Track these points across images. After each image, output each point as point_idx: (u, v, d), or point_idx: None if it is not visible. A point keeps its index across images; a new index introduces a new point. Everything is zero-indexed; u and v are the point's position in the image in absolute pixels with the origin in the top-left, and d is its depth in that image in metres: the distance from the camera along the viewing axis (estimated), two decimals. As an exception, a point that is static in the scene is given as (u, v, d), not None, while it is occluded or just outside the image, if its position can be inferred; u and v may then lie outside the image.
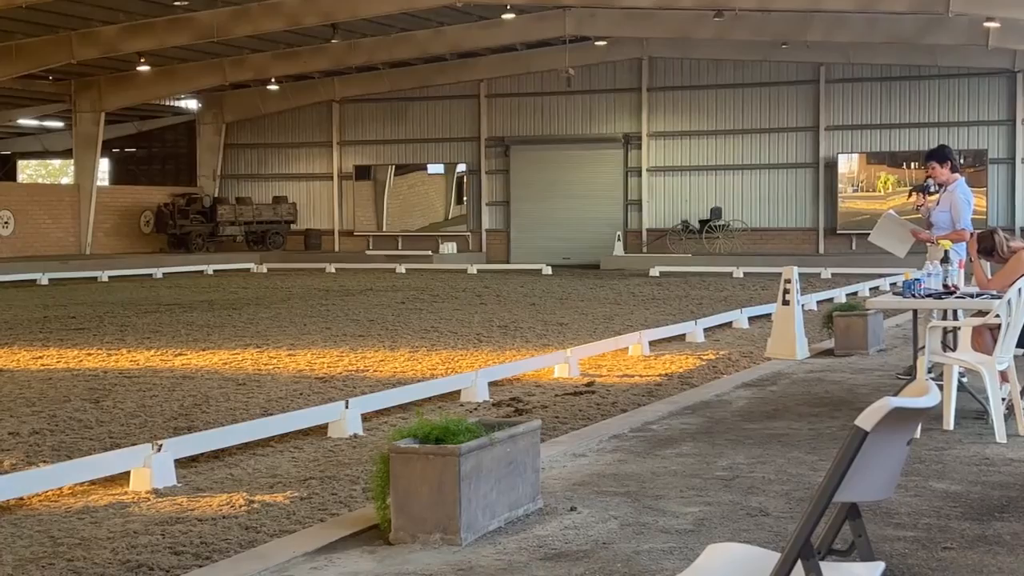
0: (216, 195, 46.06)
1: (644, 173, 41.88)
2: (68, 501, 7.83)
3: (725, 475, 7.93)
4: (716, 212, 40.50)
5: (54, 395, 12.08)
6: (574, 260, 40.55)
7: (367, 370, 14.03)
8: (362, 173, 45.87)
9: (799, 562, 3.60)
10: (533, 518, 6.78)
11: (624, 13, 35.55)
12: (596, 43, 39.24)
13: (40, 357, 15.24)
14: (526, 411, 11.18)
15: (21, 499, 7.73)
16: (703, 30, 35.25)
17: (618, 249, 40.06)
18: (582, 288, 28.74)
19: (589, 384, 12.93)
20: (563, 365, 13.71)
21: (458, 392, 11.95)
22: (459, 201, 44.97)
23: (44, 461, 8.88)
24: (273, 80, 42.79)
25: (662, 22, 36.17)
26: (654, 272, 34.49)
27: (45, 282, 31.38)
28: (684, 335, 17.33)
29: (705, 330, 17.66)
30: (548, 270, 36.46)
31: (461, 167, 44.55)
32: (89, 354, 15.50)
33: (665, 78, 41.75)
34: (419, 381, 12.51)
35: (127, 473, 8.20)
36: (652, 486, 7.61)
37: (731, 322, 19.22)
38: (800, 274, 15.79)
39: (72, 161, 44.74)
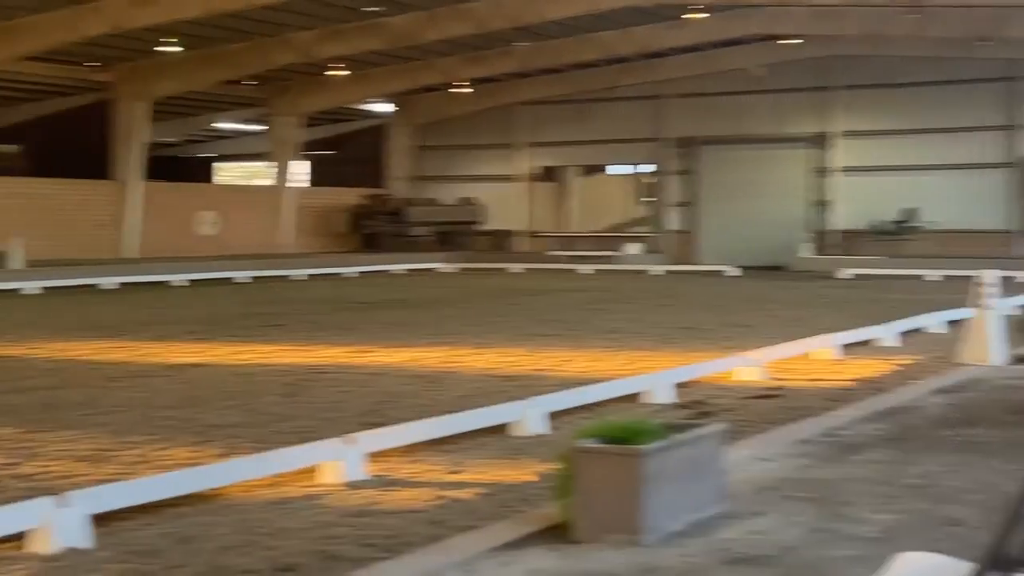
0: (407, 196, 46.96)
1: (834, 173, 40.98)
2: (264, 492, 8.10)
3: (916, 483, 7.72)
4: (910, 213, 39.31)
5: (251, 389, 12.52)
6: (760, 261, 39.91)
7: (551, 370, 14.11)
8: (548, 174, 46.11)
9: (993, 574, 3.50)
10: (717, 521, 6.73)
11: (813, 11, 34.90)
12: (784, 41, 38.58)
13: (239, 352, 15.80)
14: (710, 414, 11.07)
15: (221, 489, 8.04)
16: (896, 27, 34.33)
17: (806, 250, 39.30)
18: (769, 290, 28.31)
19: (775, 388, 12.73)
20: (749, 368, 13.54)
21: (642, 393, 11.92)
22: (644, 202, 44.79)
23: (241, 453, 9.21)
24: (462, 83, 43.39)
25: (853, 19, 35.37)
26: (843, 274, 33.72)
27: (246, 280, 32.51)
28: (874, 339, 16.91)
29: (898, 335, 17.19)
30: (734, 271, 36.00)
31: (646, 168, 44.35)
32: (285, 350, 16.00)
33: (857, 76, 40.76)
34: (602, 382, 12.51)
35: (320, 466, 8.45)
36: (840, 492, 7.46)
37: (925, 327, 18.66)
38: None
39: (271, 163, 46.23)
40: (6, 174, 41.93)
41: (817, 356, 15.23)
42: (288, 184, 43.98)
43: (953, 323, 18.78)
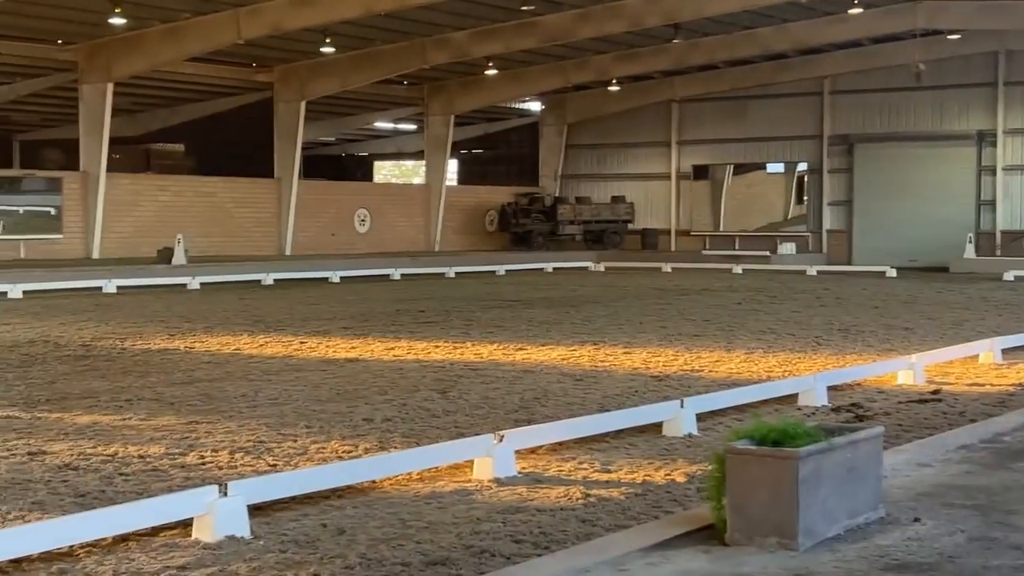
0: (557, 194, 47.08)
1: (999, 172, 39.72)
2: (416, 486, 8.22)
3: (1085, 493, 7.43)
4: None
5: (404, 384, 12.70)
6: (921, 262, 38.88)
7: (702, 370, 14.00)
8: (700, 172, 45.74)
9: None
10: (874, 527, 6.58)
11: (978, 5, 33.92)
12: (948, 36, 37.53)
13: (392, 348, 16.05)
14: (867, 417, 10.85)
15: (374, 482, 8.18)
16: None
17: (969, 251, 38.15)
18: (929, 292, 27.59)
19: (935, 392, 12.41)
20: (907, 371, 13.22)
21: (795, 395, 11.74)
22: (799, 201, 44.09)
23: (395, 447, 9.36)
24: (614, 81, 43.31)
25: (1019, 13, 34.22)
26: (1008, 276, 32.65)
27: (397, 277, 33.00)
28: (1040, 343, 16.33)
29: (1064, 339, 16.57)
30: (892, 272, 35.15)
31: (802, 166, 43.66)
32: (437, 346, 16.20)
33: (1021, 71, 39.41)
34: (755, 383, 12.37)
35: (471, 461, 8.53)
36: (1003, 500, 7.22)
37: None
38: None
39: (423, 162, 46.86)
40: (171, 172, 43.43)
41: (979, 360, 14.79)
42: (442, 182, 44.48)
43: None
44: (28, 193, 34.71)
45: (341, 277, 31.73)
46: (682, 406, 10.22)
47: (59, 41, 33.57)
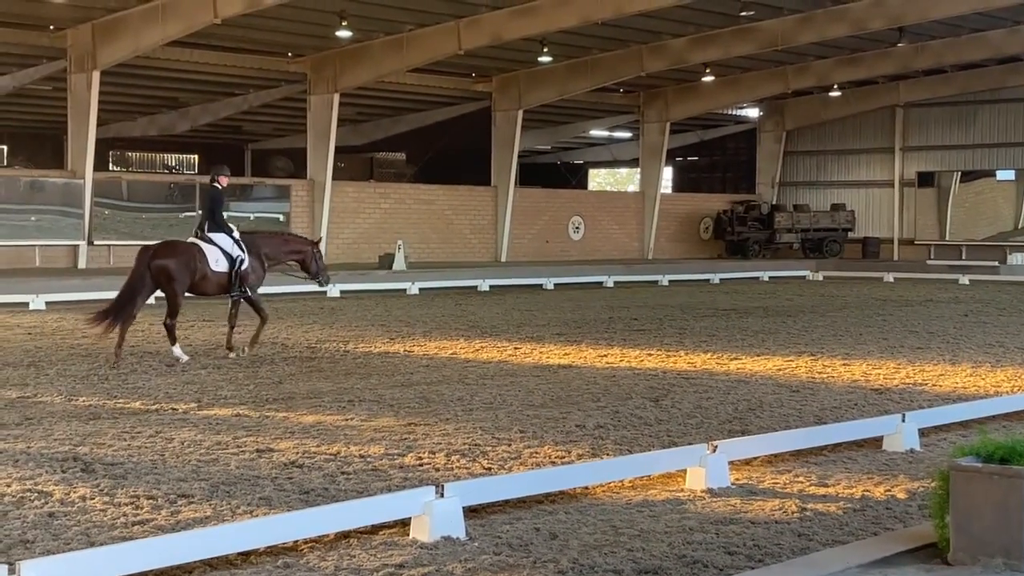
0: (774, 202, 46.34)
1: None
2: (628, 493, 8.22)
3: None
4: None
5: (617, 392, 12.72)
6: None
7: (925, 384, 13.56)
8: (925, 180, 44.32)
9: None
10: (1109, 553, 6.27)
11: None
12: None
13: (605, 355, 16.08)
14: (1103, 437, 10.33)
15: (587, 488, 8.23)
16: None
17: None
18: None
19: None
20: None
21: (1025, 412, 11.29)
22: (1031, 209, 42.24)
23: (607, 454, 9.39)
24: (835, 86, 42.38)
25: None
26: None
27: (610, 284, 33.04)
28: None
29: None
30: None
31: (1035, 173, 41.82)
32: (649, 354, 16.16)
33: None
34: (982, 397, 11.93)
35: (684, 471, 8.48)
36: None
37: None
38: None
39: (638, 169, 46.80)
40: (393, 180, 44.59)
41: None
42: (656, 190, 44.36)
43: None
44: (258, 200, 36.20)
45: (555, 284, 31.97)
46: (904, 420, 9.93)
47: (289, 54, 34.92)
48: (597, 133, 53.38)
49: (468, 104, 42.18)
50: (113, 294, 15.59)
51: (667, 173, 51.36)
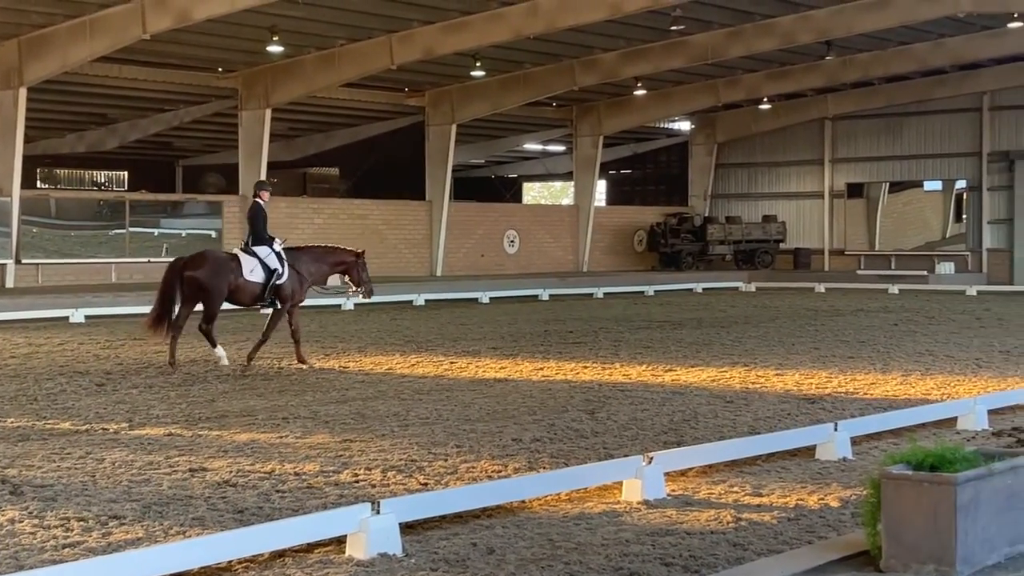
0: (706, 214, 46.72)
1: None
2: (565, 506, 8.23)
3: None
4: None
5: (553, 405, 12.73)
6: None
7: (857, 392, 13.72)
8: (854, 191, 44.91)
9: None
10: (1037, 557, 6.38)
11: None
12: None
13: (541, 369, 16.10)
14: (1030, 443, 10.51)
15: (523, 502, 8.22)
16: None
17: None
18: (1096, 313, 26.59)
19: (1103, 417, 11.96)
20: (1073, 395, 12.77)
21: (954, 419, 11.45)
22: (957, 219, 42.92)
23: (544, 467, 9.39)
24: (765, 99, 42.85)
25: None
26: None
27: (546, 297, 33.11)
28: None
29: None
30: (1057, 293, 33.97)
31: (960, 184, 42.51)
32: (585, 367, 16.20)
33: None
34: (912, 406, 12.09)
35: (620, 483, 8.50)
36: None
37: None
38: None
39: (572, 183, 46.99)
40: (326, 195, 44.41)
41: None
42: (590, 203, 44.54)
43: None
44: (190, 217, 35.88)
45: (490, 298, 31.98)
46: (836, 429, 10.04)
47: (219, 69, 34.67)
48: (531, 147, 53.52)
49: (401, 119, 42.13)
50: (42, 312, 15.59)
51: (601, 186, 51.59)
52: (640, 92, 39.68)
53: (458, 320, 25.07)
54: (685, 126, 49.13)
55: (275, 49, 30.79)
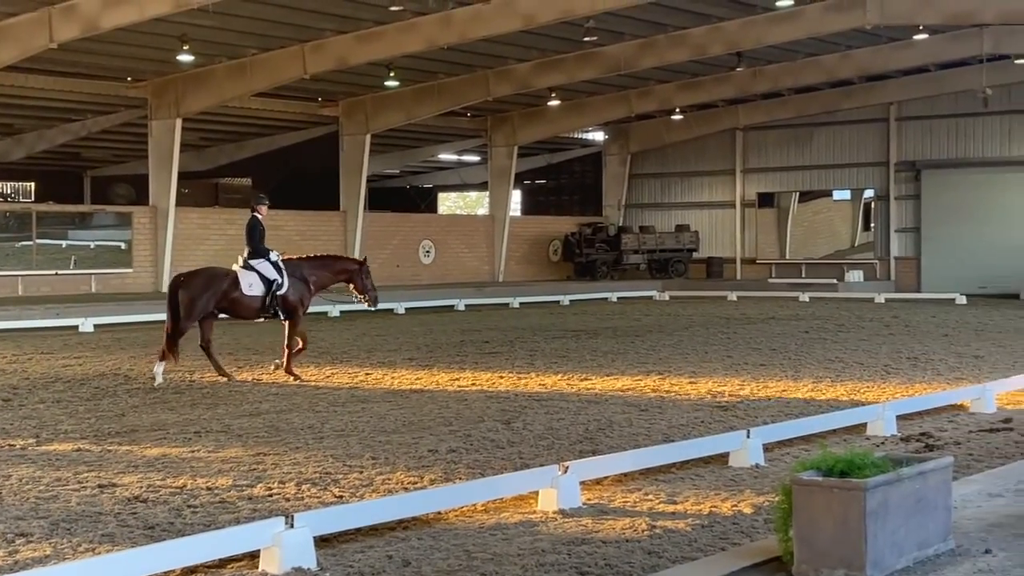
0: (620, 224, 47.04)
1: (1069, 196, 39.11)
2: (481, 517, 8.22)
3: None
4: None
5: (469, 415, 12.72)
6: (991, 289, 38.36)
7: (769, 400, 13.89)
8: (765, 200, 45.50)
9: None
10: (944, 559, 6.49)
11: (1047, 27, 33.45)
12: (1016, 61, 37.08)
13: (457, 379, 16.08)
14: (937, 447, 10.72)
15: (439, 513, 8.19)
16: None
17: (1041, 278, 37.58)
18: (1000, 319, 27.19)
19: (1007, 420, 12.22)
20: (978, 400, 13.05)
21: (864, 425, 11.63)
22: (866, 228, 43.68)
23: (460, 478, 9.37)
24: (677, 110, 43.28)
25: (1091, 36, 33.75)
26: (1082, 303, 32.11)
27: (462, 308, 33.08)
28: (1116, 371, 16.05)
29: None
30: (962, 300, 34.71)
31: (869, 193, 43.28)
32: (501, 377, 16.21)
33: (1094, 94, 38.88)
34: (823, 412, 12.26)
35: (536, 492, 8.51)
36: (1078, 532, 7.10)
37: None
38: None
39: (487, 193, 47.04)
40: (239, 206, 43.93)
41: (1052, 388, 14.55)
42: (506, 213, 44.63)
43: None
44: (99, 228, 35.31)
45: (406, 308, 31.87)
46: (748, 436, 10.15)
47: (129, 79, 34.19)
48: (446, 157, 53.50)
49: (315, 128, 41.88)
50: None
51: (516, 196, 51.69)
52: (554, 103, 39.86)
53: (374, 331, 24.95)
54: (599, 136, 49.44)
55: (186, 58, 30.45)
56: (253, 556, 6.94)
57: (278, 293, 16.20)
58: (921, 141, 42.14)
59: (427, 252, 42.49)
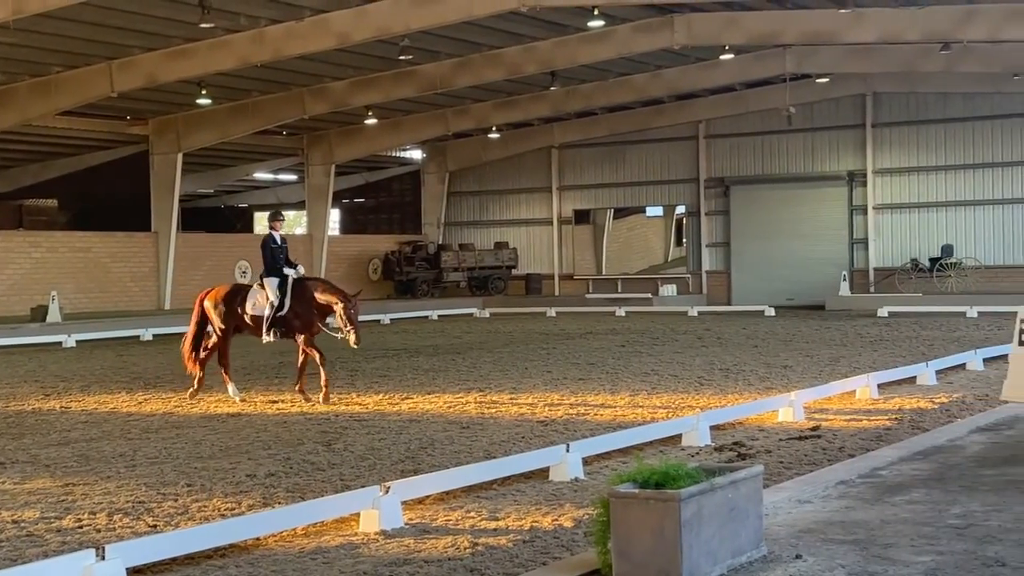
0: (440, 242, 47.13)
1: (870, 211, 40.80)
2: (301, 541, 8.10)
3: (958, 523, 7.63)
4: (947, 250, 39.01)
5: (288, 438, 12.54)
6: (798, 301, 39.77)
7: (588, 413, 14.07)
8: (581, 217, 46.19)
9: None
10: (757, 565, 6.66)
11: (846, 49, 34.84)
12: (817, 80, 38.58)
13: (276, 401, 15.85)
14: (749, 456, 11.01)
15: (258, 539, 8.04)
16: (930, 63, 34.17)
17: (844, 289, 39.06)
18: (807, 330, 28.16)
19: (815, 428, 12.65)
20: (787, 409, 13.46)
21: (679, 436, 11.87)
22: (679, 243, 44.73)
23: (279, 502, 9.22)
24: (494, 128, 43.61)
25: (886, 57, 35.27)
26: (882, 312, 33.51)
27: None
28: (915, 378, 16.78)
29: (937, 372, 17.04)
30: (771, 311, 35.88)
31: (680, 209, 44.34)
32: (320, 398, 16.01)
33: (890, 113, 40.64)
34: (640, 425, 12.47)
35: (357, 514, 8.43)
36: (881, 534, 7.38)
37: (964, 364, 18.50)
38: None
39: (304, 212, 46.53)
40: (44, 228, 42.46)
41: (856, 396, 15.12)
42: (324, 232, 44.22)
43: (992, 360, 18.61)
44: None
45: (223, 330, 31.22)
46: (568, 451, 10.25)
47: (-75, 96, 32.73)
48: (262, 176, 52.74)
49: (124, 148, 40.76)
50: None
51: (334, 215, 51.30)
52: (371, 121, 39.71)
53: (189, 354, 24.35)
54: (417, 155, 49.45)
55: (-14, 76, 29.31)
56: (62, 591, 6.68)
57: (278, 315, 16.25)
58: (729, 158, 43.38)
59: (243, 273, 41.73)
